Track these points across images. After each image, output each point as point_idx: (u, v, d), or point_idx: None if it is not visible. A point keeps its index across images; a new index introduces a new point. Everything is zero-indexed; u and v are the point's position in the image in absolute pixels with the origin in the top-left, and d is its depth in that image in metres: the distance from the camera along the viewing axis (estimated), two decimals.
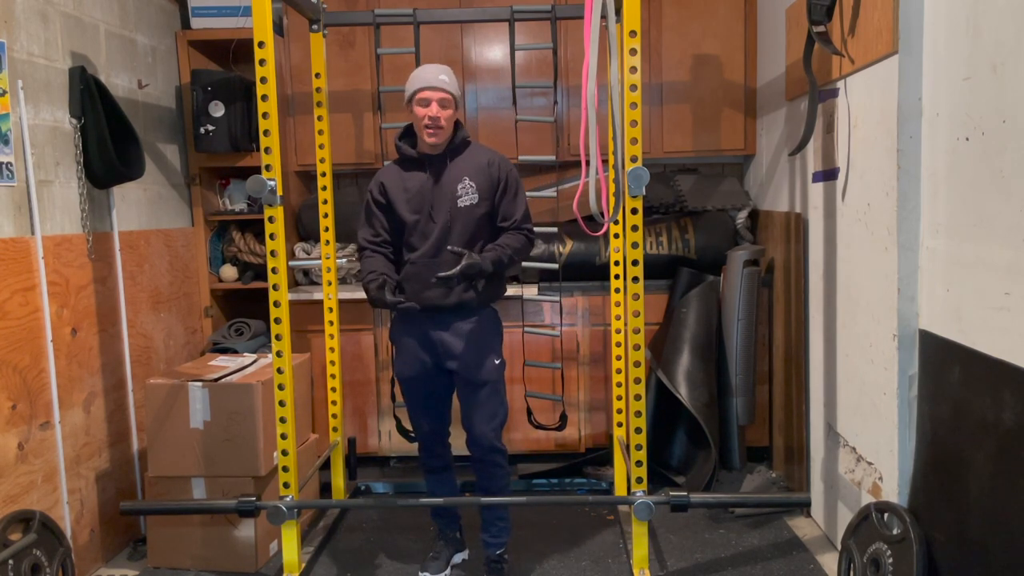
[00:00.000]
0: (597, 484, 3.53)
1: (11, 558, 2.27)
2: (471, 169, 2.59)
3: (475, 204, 2.57)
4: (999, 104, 1.84)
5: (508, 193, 2.62)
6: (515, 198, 2.63)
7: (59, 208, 2.75)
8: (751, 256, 3.44)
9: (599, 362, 3.69)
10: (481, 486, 2.76)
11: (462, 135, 2.62)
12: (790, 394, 3.27)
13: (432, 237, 2.56)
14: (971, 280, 1.99)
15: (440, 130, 2.51)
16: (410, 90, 2.54)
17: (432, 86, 2.49)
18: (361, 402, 3.75)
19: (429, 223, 2.57)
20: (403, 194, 2.60)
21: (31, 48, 2.63)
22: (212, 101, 3.50)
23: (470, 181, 2.57)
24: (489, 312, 2.67)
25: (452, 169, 2.58)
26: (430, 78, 2.50)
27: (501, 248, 2.56)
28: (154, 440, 2.84)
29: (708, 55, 3.79)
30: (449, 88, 2.51)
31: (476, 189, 2.57)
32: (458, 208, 2.56)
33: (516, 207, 2.62)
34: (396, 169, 2.65)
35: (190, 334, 3.68)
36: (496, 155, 2.65)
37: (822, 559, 2.80)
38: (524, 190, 2.67)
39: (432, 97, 2.49)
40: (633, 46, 2.34)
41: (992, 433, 1.91)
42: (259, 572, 2.85)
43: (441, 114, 2.49)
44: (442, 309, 2.58)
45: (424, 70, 2.55)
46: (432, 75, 2.51)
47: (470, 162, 2.60)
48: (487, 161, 2.61)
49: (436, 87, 2.49)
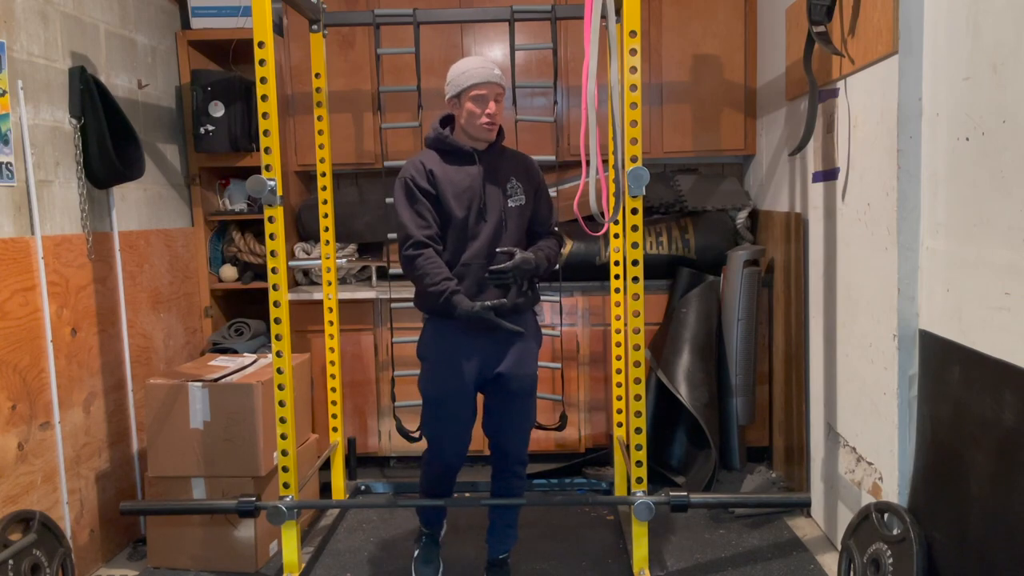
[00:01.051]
0: (597, 484, 3.53)
1: (11, 558, 2.27)
2: (517, 169, 2.52)
3: (523, 205, 2.49)
4: (999, 104, 1.84)
5: (545, 198, 2.59)
6: (550, 204, 2.61)
7: (59, 208, 2.75)
8: (751, 256, 3.44)
9: (599, 362, 3.69)
10: (499, 494, 2.66)
11: (503, 134, 2.54)
12: (790, 394, 3.27)
13: (482, 237, 2.41)
14: (971, 280, 1.99)
15: (496, 127, 2.43)
16: (463, 84, 2.38)
17: (489, 80, 2.37)
18: (361, 402, 3.75)
19: (480, 222, 2.42)
20: (451, 186, 2.42)
21: (31, 48, 2.63)
22: (212, 101, 3.50)
23: (517, 181, 2.49)
24: (531, 318, 2.58)
25: (499, 167, 2.48)
26: (487, 73, 2.37)
27: (546, 249, 2.51)
28: (154, 440, 2.84)
29: (708, 55, 3.79)
30: (503, 82, 2.42)
31: (523, 190, 2.50)
32: (510, 208, 2.46)
33: (551, 211, 2.60)
34: (437, 160, 2.46)
35: (190, 334, 3.68)
36: (527, 157, 2.62)
37: (822, 559, 2.80)
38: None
39: (488, 93, 2.38)
40: (633, 46, 2.34)
41: (992, 433, 1.91)
42: (259, 572, 2.85)
43: (498, 110, 2.41)
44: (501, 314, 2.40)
45: (477, 65, 2.40)
46: (487, 71, 2.38)
47: (513, 162, 2.53)
48: (527, 164, 2.56)
49: (493, 82, 2.38)
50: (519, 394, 2.50)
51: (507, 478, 2.62)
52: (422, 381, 2.54)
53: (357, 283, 3.92)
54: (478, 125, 2.40)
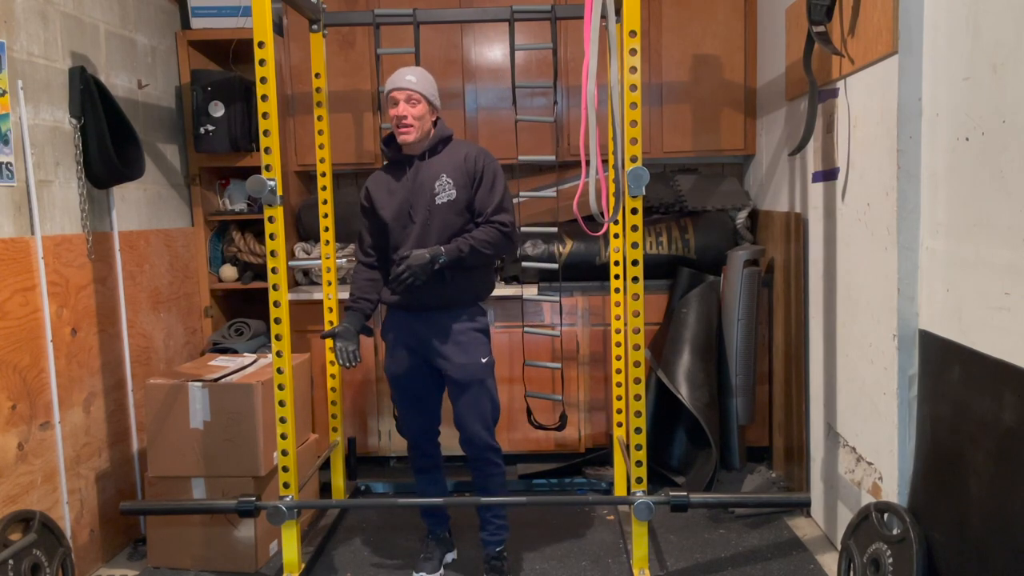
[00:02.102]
0: (597, 484, 3.53)
1: (11, 558, 2.27)
2: (449, 165, 2.59)
3: (453, 200, 2.56)
4: (999, 104, 1.84)
5: (484, 185, 2.59)
6: (491, 190, 2.59)
7: (59, 208, 2.75)
8: (751, 256, 3.44)
9: (599, 362, 3.69)
10: (477, 485, 2.76)
11: (441, 133, 2.63)
12: (790, 394, 3.27)
13: (412, 236, 2.57)
14: (971, 280, 1.99)
15: (410, 128, 2.53)
16: (385, 93, 2.60)
17: (398, 87, 2.53)
18: (361, 402, 3.75)
19: (409, 222, 2.59)
20: (386, 197, 2.63)
21: (31, 48, 2.63)
22: (212, 101, 3.50)
23: (447, 177, 2.57)
24: (476, 310, 2.67)
25: (431, 167, 2.60)
26: (397, 79, 2.54)
27: (461, 239, 2.54)
28: (154, 440, 2.84)
29: (708, 55, 3.79)
30: (415, 87, 2.52)
31: (453, 185, 2.57)
32: (436, 205, 2.56)
33: (490, 199, 2.58)
34: (382, 174, 2.70)
35: (190, 334, 3.68)
36: (475, 148, 2.65)
37: (822, 559, 2.81)
38: (504, 184, 2.63)
39: (399, 97, 2.53)
40: (633, 46, 2.34)
41: (992, 433, 1.91)
42: (259, 572, 2.85)
43: (409, 112, 2.52)
44: (429, 307, 2.60)
45: (395, 73, 2.58)
46: (399, 76, 2.55)
47: (449, 158, 2.61)
48: (464, 155, 2.61)
49: (402, 87, 2.52)
50: (463, 382, 2.61)
51: (480, 466, 2.72)
52: (385, 361, 2.76)
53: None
54: (394, 129, 2.57)
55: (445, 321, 2.61)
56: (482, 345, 2.65)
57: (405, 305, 2.63)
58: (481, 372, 2.63)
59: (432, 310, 2.61)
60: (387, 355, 2.73)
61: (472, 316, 2.65)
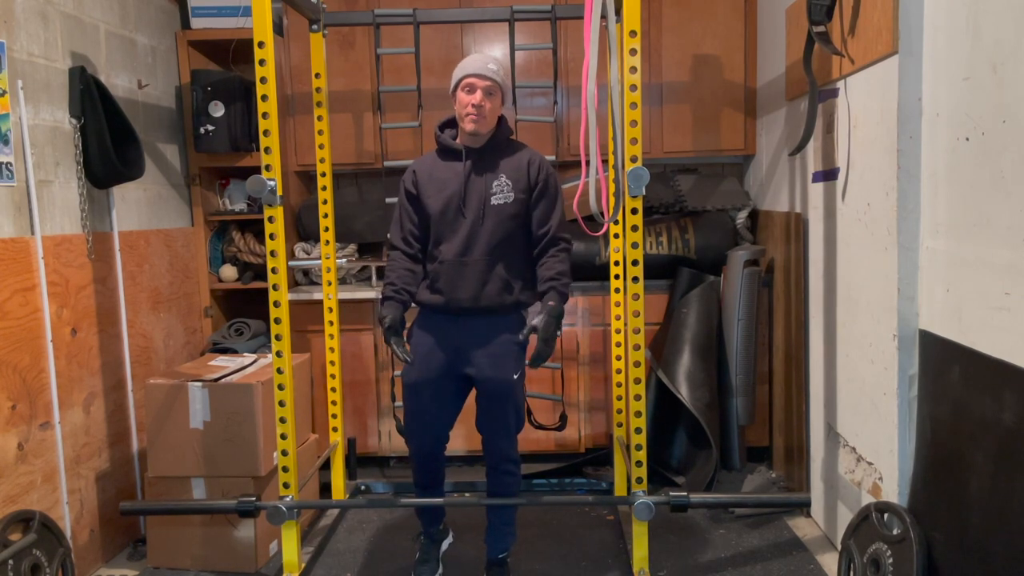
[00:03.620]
0: (597, 484, 3.53)
1: (11, 558, 2.27)
2: (510, 166, 2.49)
3: (508, 203, 2.45)
4: (999, 104, 1.84)
5: (545, 197, 2.49)
6: (554, 203, 2.50)
7: (59, 208, 2.75)
8: (751, 256, 3.44)
9: (599, 362, 3.69)
10: (492, 492, 2.68)
11: (506, 132, 2.54)
12: (790, 394, 3.27)
13: (461, 233, 2.46)
14: (971, 280, 1.99)
15: (483, 119, 2.41)
16: (457, 77, 2.44)
17: (479, 73, 2.40)
18: (361, 402, 3.75)
19: (459, 217, 2.46)
20: (433, 184, 2.49)
21: (31, 48, 2.63)
22: (212, 101, 3.50)
23: (507, 179, 2.47)
24: (516, 319, 2.55)
25: (490, 164, 2.48)
26: (479, 66, 2.41)
27: (557, 281, 2.43)
28: (154, 440, 2.84)
29: (708, 55, 3.79)
30: (496, 77, 2.42)
31: (512, 188, 2.46)
32: (491, 205, 2.45)
33: (552, 213, 2.49)
34: (432, 159, 2.56)
35: (190, 334, 3.68)
36: (538, 155, 2.55)
37: (822, 559, 2.81)
38: (563, 196, 2.56)
39: (478, 84, 2.40)
40: (633, 46, 2.34)
41: (992, 433, 1.91)
42: (259, 572, 2.85)
43: (485, 102, 2.40)
44: (469, 311, 2.47)
45: (472, 58, 2.47)
46: (481, 63, 2.42)
47: (510, 159, 2.50)
48: (527, 160, 2.51)
49: (483, 75, 2.40)
50: (494, 397, 2.52)
51: (498, 476, 2.64)
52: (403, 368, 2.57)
53: (357, 283, 3.92)
54: (463, 115, 2.43)
55: (483, 329, 2.48)
56: (517, 360, 2.52)
57: (444, 307, 2.49)
58: (511, 388, 2.51)
59: (472, 315, 2.47)
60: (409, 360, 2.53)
61: (511, 327, 2.51)
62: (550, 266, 2.45)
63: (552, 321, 2.36)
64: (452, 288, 2.46)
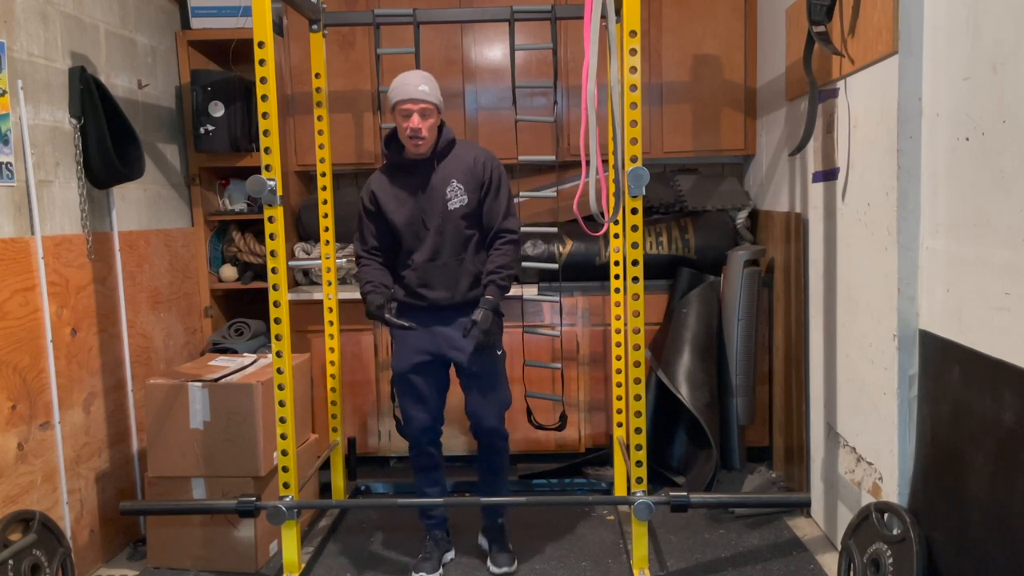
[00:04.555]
0: (597, 484, 3.53)
1: (11, 558, 2.27)
2: (458, 170, 2.62)
3: (464, 205, 2.62)
4: (999, 104, 1.84)
5: (491, 192, 2.64)
6: (497, 196, 2.65)
7: (59, 208, 2.75)
8: (751, 256, 3.44)
9: (599, 362, 3.69)
10: (483, 465, 2.86)
11: (446, 136, 2.64)
12: (790, 394, 3.27)
13: (428, 242, 2.62)
14: (971, 280, 1.99)
15: (423, 140, 2.54)
16: (392, 100, 2.54)
17: (412, 98, 2.50)
18: (361, 402, 3.75)
19: (423, 229, 2.63)
20: (394, 201, 2.64)
21: (31, 48, 2.63)
22: (212, 101, 3.50)
23: (458, 183, 2.61)
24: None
25: (440, 172, 2.62)
26: (411, 90, 2.50)
27: (496, 275, 2.60)
28: (154, 440, 2.84)
29: (708, 55, 3.79)
30: (430, 98, 2.52)
31: (464, 190, 2.61)
32: (448, 211, 2.61)
33: (498, 206, 2.65)
34: (385, 176, 2.69)
35: (190, 334, 3.68)
36: (483, 152, 2.68)
37: (822, 559, 2.80)
38: (508, 188, 2.69)
39: (413, 109, 2.50)
40: (633, 46, 2.34)
41: (992, 433, 1.91)
42: (259, 572, 2.85)
43: (422, 125, 2.52)
44: (448, 307, 2.65)
45: (405, 81, 2.53)
46: (412, 87, 2.50)
47: (457, 163, 2.64)
48: (473, 159, 2.64)
49: (416, 99, 2.50)
50: (480, 375, 2.69)
51: (490, 449, 2.82)
52: (393, 357, 2.77)
53: (357, 283, 3.91)
54: (405, 139, 2.56)
55: (463, 317, 2.62)
56: (497, 339, 2.70)
57: (421, 307, 2.66)
58: (495, 363, 2.71)
59: (449, 309, 2.66)
60: (396, 350, 2.74)
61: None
62: (492, 259, 2.64)
63: (489, 314, 2.54)
64: (428, 289, 2.65)
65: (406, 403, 2.76)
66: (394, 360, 2.76)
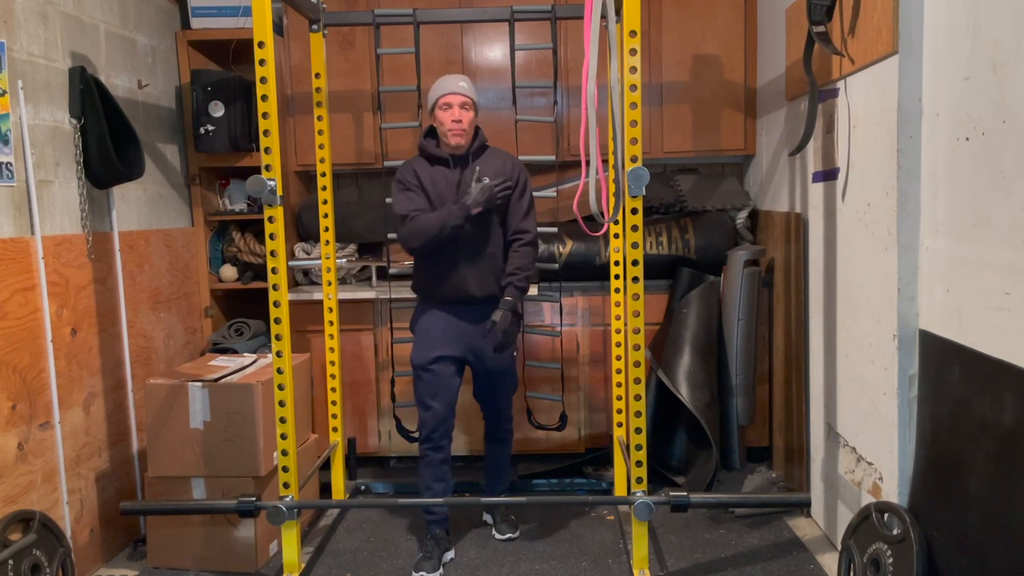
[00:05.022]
0: (597, 484, 3.53)
1: (11, 558, 2.27)
2: (491, 169, 2.77)
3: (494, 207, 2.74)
4: (999, 104, 1.84)
5: (519, 198, 2.80)
6: (522, 196, 2.81)
7: (59, 208, 2.76)
8: (751, 256, 3.44)
9: (599, 362, 3.69)
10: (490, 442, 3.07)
11: (481, 139, 2.83)
12: (790, 394, 3.27)
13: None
14: (971, 280, 1.99)
15: (463, 132, 2.71)
16: (433, 97, 2.74)
17: (454, 91, 2.70)
18: (361, 402, 3.75)
19: None
20: (432, 188, 2.76)
21: (31, 48, 2.63)
22: (212, 101, 3.50)
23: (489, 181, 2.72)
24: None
25: (473, 169, 2.76)
26: (451, 85, 2.72)
27: (514, 276, 2.75)
28: (154, 440, 2.84)
29: (708, 55, 3.79)
30: (469, 93, 2.73)
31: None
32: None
33: (521, 206, 2.80)
34: (424, 166, 2.81)
35: (190, 334, 3.68)
36: (512, 158, 2.86)
37: (822, 559, 2.81)
38: (531, 195, 2.86)
39: (454, 101, 2.70)
40: (633, 46, 2.34)
41: (992, 433, 1.91)
42: (259, 572, 2.85)
43: (463, 116, 2.70)
44: (471, 300, 2.76)
45: (445, 79, 2.76)
46: (453, 82, 2.73)
47: (490, 164, 2.79)
48: (503, 161, 2.81)
49: (457, 92, 2.70)
50: (497, 371, 2.88)
51: (498, 433, 3.05)
52: (412, 352, 2.86)
53: (357, 283, 3.92)
54: (446, 131, 2.72)
55: (483, 314, 2.75)
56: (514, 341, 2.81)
57: (446, 300, 2.78)
58: (510, 363, 2.94)
59: (476, 302, 2.77)
60: (416, 344, 2.84)
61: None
62: (511, 260, 2.79)
63: (508, 314, 2.70)
64: (453, 285, 2.75)
65: (423, 395, 2.82)
66: (413, 353, 2.83)
